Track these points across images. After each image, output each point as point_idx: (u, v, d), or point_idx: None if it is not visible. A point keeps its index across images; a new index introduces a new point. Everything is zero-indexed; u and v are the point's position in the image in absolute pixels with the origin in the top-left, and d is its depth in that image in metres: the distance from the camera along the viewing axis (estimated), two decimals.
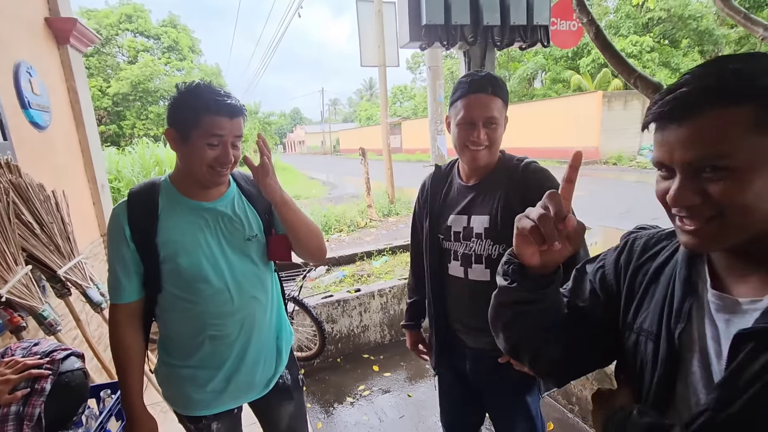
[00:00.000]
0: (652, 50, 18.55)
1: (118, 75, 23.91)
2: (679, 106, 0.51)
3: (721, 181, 0.50)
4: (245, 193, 1.24)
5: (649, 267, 0.68)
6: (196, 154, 1.06)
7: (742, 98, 0.48)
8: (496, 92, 1.18)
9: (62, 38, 2.68)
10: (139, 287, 1.13)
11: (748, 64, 0.50)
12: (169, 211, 1.12)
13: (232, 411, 1.27)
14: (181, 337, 1.18)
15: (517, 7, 2.89)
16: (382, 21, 8.41)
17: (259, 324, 1.23)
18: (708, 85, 0.50)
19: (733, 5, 2.57)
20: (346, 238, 7.67)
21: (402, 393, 2.71)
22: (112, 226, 1.12)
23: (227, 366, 1.19)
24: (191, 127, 1.05)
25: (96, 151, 2.99)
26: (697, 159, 0.51)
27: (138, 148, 9.78)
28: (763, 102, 0.48)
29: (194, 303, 1.13)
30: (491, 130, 1.19)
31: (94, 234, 2.88)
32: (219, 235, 1.15)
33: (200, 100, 1.04)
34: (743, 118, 0.48)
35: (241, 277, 1.17)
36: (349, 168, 24.46)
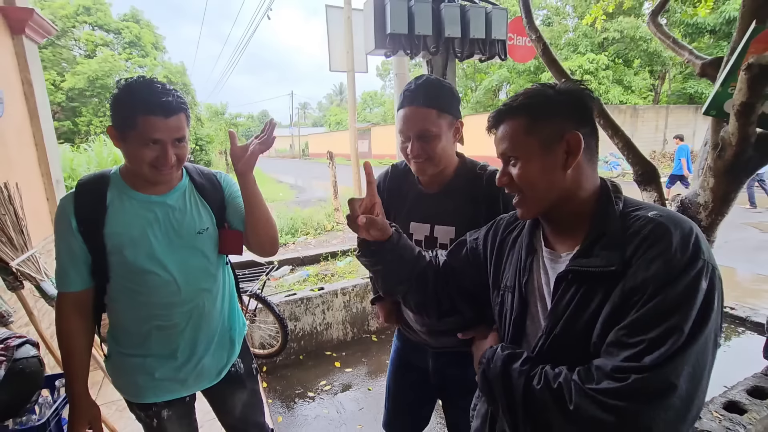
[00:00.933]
0: (607, 68, 19.74)
1: (74, 69, 22.67)
2: (492, 120, 0.82)
3: (515, 167, 0.78)
4: (197, 186, 1.24)
5: (509, 238, 0.92)
6: (135, 155, 1.05)
7: (519, 112, 0.77)
8: (429, 103, 1.14)
9: (17, 28, 2.61)
10: (86, 277, 1.13)
11: (526, 92, 0.78)
12: (117, 203, 1.12)
13: (184, 399, 1.27)
14: (129, 325, 1.18)
15: (476, 21, 3.10)
16: (351, 27, 8.53)
17: (208, 315, 1.24)
18: (500, 108, 0.81)
19: (664, 30, 2.86)
20: (312, 241, 7.67)
21: (362, 387, 2.79)
22: (59, 217, 1.11)
23: (177, 355, 1.20)
24: (128, 127, 1.03)
25: (51, 145, 2.90)
26: (502, 152, 0.80)
27: (95, 146, 9.34)
28: (529, 116, 0.76)
29: (141, 293, 1.14)
30: (426, 143, 1.15)
31: (48, 230, 2.79)
32: (168, 228, 1.15)
33: (134, 100, 1.02)
34: (522, 125, 0.77)
35: (190, 269, 1.18)
36: (318, 172, 24.32)
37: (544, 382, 0.68)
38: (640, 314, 0.62)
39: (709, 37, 18.85)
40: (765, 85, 1.61)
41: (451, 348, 1.27)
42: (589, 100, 0.77)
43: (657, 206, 0.74)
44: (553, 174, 0.75)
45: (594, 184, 0.77)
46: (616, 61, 20.53)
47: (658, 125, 18.64)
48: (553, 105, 0.75)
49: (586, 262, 0.70)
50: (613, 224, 0.71)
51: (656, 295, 0.62)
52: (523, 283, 0.82)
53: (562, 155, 0.74)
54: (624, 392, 0.60)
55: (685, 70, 20.94)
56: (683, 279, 0.62)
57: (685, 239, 0.64)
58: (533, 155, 0.76)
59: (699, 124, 19.83)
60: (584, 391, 0.63)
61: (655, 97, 22.59)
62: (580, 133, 0.73)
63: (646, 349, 0.60)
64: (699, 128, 19.82)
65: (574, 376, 0.66)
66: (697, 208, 2.20)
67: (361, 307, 3.45)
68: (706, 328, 0.61)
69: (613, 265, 0.67)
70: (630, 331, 0.63)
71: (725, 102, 1.81)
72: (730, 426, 1.53)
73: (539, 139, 0.75)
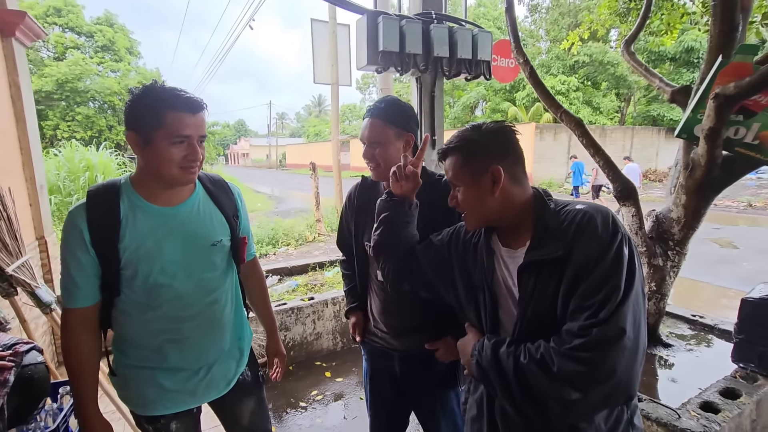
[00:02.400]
0: (577, 89, 20.73)
1: (42, 71, 21.81)
2: (439, 155, 1.02)
3: (458, 193, 0.98)
4: (211, 195, 1.22)
5: (471, 243, 1.07)
6: (162, 156, 1.03)
7: (455, 151, 0.96)
8: (380, 115, 1.30)
9: (7, 31, 2.57)
10: (95, 291, 1.08)
11: (463, 132, 0.97)
12: (131, 216, 1.08)
13: (192, 411, 1.25)
14: (139, 339, 1.15)
15: (463, 42, 3.26)
16: (335, 42, 8.68)
17: (218, 325, 1.23)
18: (444, 147, 1.00)
19: (637, 58, 3.10)
20: (293, 252, 7.62)
21: (354, 396, 2.81)
22: (69, 230, 1.05)
23: (187, 366, 1.18)
24: (153, 128, 1.01)
25: (36, 150, 2.84)
26: (450, 180, 0.99)
27: (66, 151, 8.98)
28: (461, 155, 0.95)
29: (152, 307, 1.11)
30: (375, 150, 1.30)
31: (30, 237, 2.71)
32: (182, 241, 1.12)
33: (159, 99, 1.01)
34: (458, 161, 0.96)
35: (202, 282, 1.17)
36: (297, 183, 24.16)
37: (529, 356, 0.82)
38: (588, 283, 0.79)
39: (670, 64, 20.18)
40: (730, 112, 1.80)
41: (414, 350, 1.37)
42: (511, 136, 0.95)
43: (580, 200, 0.94)
44: (485, 198, 0.93)
45: (525, 196, 0.95)
46: (586, 83, 21.60)
47: (624, 145, 19.63)
48: (479, 145, 0.94)
49: (538, 253, 0.87)
50: (551, 219, 0.89)
51: (596, 266, 0.79)
52: (490, 281, 0.98)
53: (488, 184, 0.92)
54: (590, 344, 0.75)
55: (649, 93, 22.26)
56: (611, 249, 0.80)
57: (605, 221, 0.83)
58: (468, 184, 0.95)
59: (662, 145, 21.02)
60: (560, 352, 0.78)
61: (621, 118, 23.84)
62: (502, 164, 0.91)
63: (599, 308, 0.77)
64: (662, 148, 21.01)
65: (551, 344, 0.81)
66: (671, 223, 2.39)
67: None
68: (635, 282, 0.79)
69: (559, 251, 0.84)
70: (584, 297, 0.79)
71: (695, 126, 2.00)
72: (706, 424, 1.66)
73: (470, 173, 0.94)
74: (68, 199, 7.99)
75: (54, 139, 20.94)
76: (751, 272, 5.72)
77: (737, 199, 12.32)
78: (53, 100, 22.18)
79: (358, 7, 3.02)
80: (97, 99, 23.41)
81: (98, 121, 23.40)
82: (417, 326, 1.39)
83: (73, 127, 22.59)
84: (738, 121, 1.88)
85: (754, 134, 1.88)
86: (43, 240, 2.84)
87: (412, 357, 1.40)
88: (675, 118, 20.05)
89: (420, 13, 3.12)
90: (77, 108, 22.67)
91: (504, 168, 0.91)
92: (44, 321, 2.57)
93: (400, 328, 1.40)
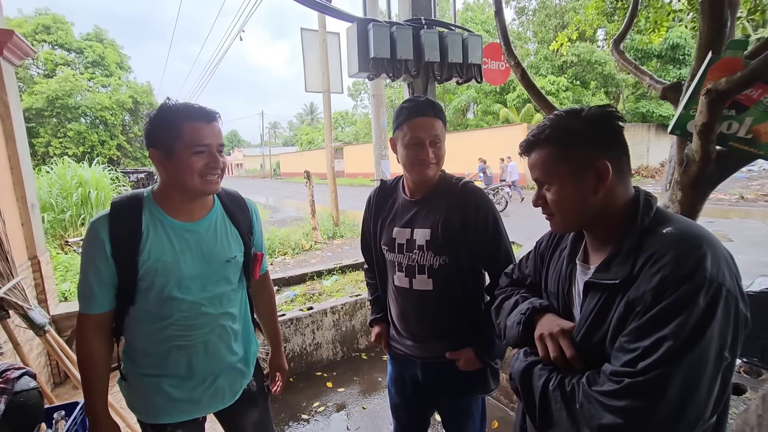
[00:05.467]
0: (567, 89, 20.92)
1: (32, 89, 21.75)
2: (523, 148, 0.87)
3: (548, 192, 0.84)
4: (228, 212, 1.26)
5: (557, 248, 0.99)
6: (184, 166, 1.07)
7: (548, 143, 0.82)
8: (437, 115, 1.31)
9: None
10: (111, 299, 1.12)
11: (557, 119, 0.83)
12: (152, 229, 1.12)
13: (197, 420, 1.27)
14: (148, 346, 1.18)
15: (454, 47, 3.27)
16: (326, 50, 8.71)
17: (228, 337, 1.25)
18: (530, 138, 0.85)
19: (626, 57, 3.12)
20: (290, 261, 7.57)
21: (356, 406, 2.77)
22: (90, 239, 1.09)
23: (194, 375, 1.20)
24: (173, 140, 1.06)
25: (26, 168, 2.80)
26: (536, 178, 0.86)
27: (58, 168, 8.90)
28: (557, 147, 0.81)
29: (165, 317, 1.15)
30: (437, 148, 1.31)
31: (22, 257, 2.66)
32: (199, 256, 1.16)
33: (175, 112, 1.07)
34: (552, 154, 0.82)
35: (215, 295, 1.20)
36: (291, 191, 24.11)
37: (558, 384, 0.77)
38: (638, 323, 0.69)
39: (657, 61, 20.41)
40: (722, 107, 1.81)
41: (435, 359, 1.39)
42: (616, 124, 0.80)
43: (682, 220, 0.78)
44: (584, 198, 0.80)
45: (627, 198, 0.81)
46: (575, 83, 21.82)
47: None
48: (580, 135, 0.79)
49: (601, 276, 0.78)
50: (630, 241, 0.77)
51: (653, 306, 0.67)
52: (565, 291, 0.90)
53: (592, 181, 0.78)
54: (618, 393, 0.67)
55: (637, 91, 22.50)
56: (677, 293, 0.66)
57: (685, 256, 0.68)
58: (564, 182, 0.81)
59: (652, 141, 21.22)
60: (589, 392, 0.71)
61: None
62: (609, 158, 0.77)
63: (640, 356, 0.66)
64: (653, 145, 21.20)
65: (583, 380, 0.74)
66: None
67: (350, 325, 3.44)
68: (701, 342, 0.64)
69: (618, 279, 0.74)
70: (630, 338, 0.69)
71: (688, 122, 2.01)
72: None
73: (569, 168, 0.80)
74: (61, 216, 7.91)
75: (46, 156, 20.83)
76: (747, 264, 5.75)
77: (729, 192, 12.44)
78: (44, 117, 22.10)
79: (348, 15, 3.02)
80: (89, 114, 23.35)
81: (90, 137, 23.31)
82: (437, 334, 1.40)
83: (65, 143, 22.50)
84: (731, 116, 1.89)
85: (747, 128, 1.89)
86: (36, 260, 2.80)
87: (433, 366, 1.42)
88: (664, 114, 20.26)
89: (410, 19, 3.13)
90: (69, 124, 22.61)
91: (610, 162, 0.77)
92: (38, 343, 2.51)
93: (420, 335, 1.42)
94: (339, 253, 7.97)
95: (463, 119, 26.29)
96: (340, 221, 9.92)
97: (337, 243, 8.88)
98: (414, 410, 1.56)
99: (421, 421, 1.60)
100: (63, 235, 7.50)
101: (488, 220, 1.34)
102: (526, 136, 0.87)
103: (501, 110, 21.84)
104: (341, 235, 9.47)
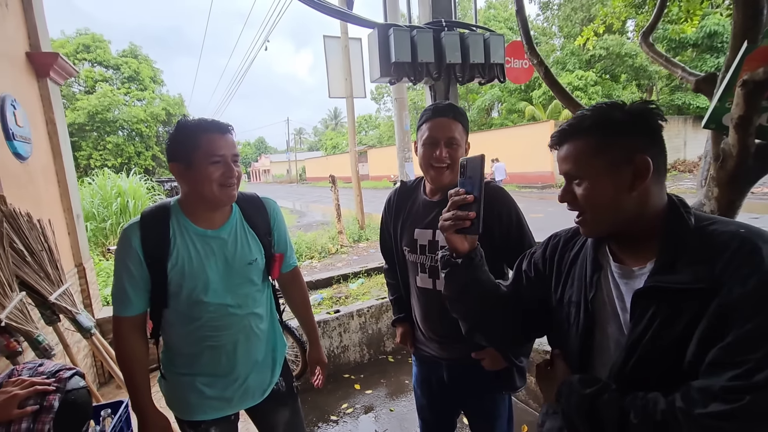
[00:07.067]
0: (595, 84, 20.28)
1: (74, 105, 23.08)
2: (555, 138, 0.80)
3: (580, 187, 0.77)
4: (246, 216, 1.31)
5: (569, 254, 0.91)
6: (202, 175, 1.13)
7: (586, 133, 0.76)
8: (456, 117, 1.33)
9: (42, 72, 2.74)
10: (144, 302, 1.20)
11: (598, 109, 0.76)
12: (179, 238, 1.19)
13: (229, 418, 1.33)
14: (182, 347, 1.25)
15: (475, 47, 3.25)
16: (348, 56, 8.82)
17: (254, 336, 1.31)
18: (565, 128, 0.79)
19: (656, 50, 3.01)
20: (317, 265, 7.69)
21: (384, 408, 2.79)
22: (123, 246, 1.17)
23: (225, 374, 1.27)
24: (191, 150, 1.13)
25: (72, 181, 2.99)
26: (566, 171, 0.79)
27: (98, 180, 9.43)
28: (597, 137, 0.75)
29: (194, 319, 1.21)
30: (452, 150, 1.31)
31: (69, 264, 2.84)
32: (222, 260, 1.23)
33: (191, 126, 1.15)
34: (586, 147, 0.76)
35: (240, 297, 1.26)
36: (317, 196, 24.48)
37: (644, 414, 0.65)
38: (742, 333, 0.60)
39: (692, 51, 19.49)
40: (760, 99, 1.72)
41: (461, 359, 1.39)
42: (658, 120, 0.75)
43: (729, 220, 0.73)
44: (619, 196, 0.74)
45: (662, 202, 0.76)
46: (604, 77, 21.11)
47: None
48: (622, 127, 0.73)
49: (670, 279, 0.69)
50: (692, 240, 0.70)
51: (758, 313, 0.60)
52: (589, 298, 0.81)
53: (629, 177, 0.73)
54: (738, 413, 0.58)
55: (671, 82, 21.54)
56: None
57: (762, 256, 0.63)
58: (599, 177, 0.75)
59: (689, 134, 20.24)
60: (693, 416, 0.60)
61: None
62: (649, 154, 0.72)
63: (754, 368, 0.58)
64: (690, 138, 20.22)
65: (678, 403, 0.62)
66: None
67: (376, 328, 3.47)
68: None
69: (703, 282, 0.65)
70: (733, 351, 0.61)
71: (723, 116, 1.92)
72: None
73: (606, 161, 0.74)
74: (102, 224, 8.34)
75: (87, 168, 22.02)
76: None
77: None
78: (86, 132, 23.40)
79: (369, 22, 3.07)
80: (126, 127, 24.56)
81: (127, 148, 24.51)
82: (460, 335, 1.38)
83: (104, 155, 23.73)
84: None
85: None
86: (82, 267, 2.98)
87: (459, 367, 1.42)
88: (702, 105, 19.29)
89: (430, 22, 3.14)
90: (107, 137, 23.85)
91: (651, 159, 0.71)
92: (85, 344, 2.68)
93: (444, 335, 1.42)
94: (365, 257, 8.03)
95: (487, 119, 25.94)
96: (365, 224, 9.99)
97: (363, 246, 8.94)
98: (440, 412, 1.57)
99: (447, 422, 1.60)
100: (104, 242, 7.90)
101: (511, 218, 1.34)
102: (557, 127, 0.81)
103: (527, 108, 21.41)
104: (366, 238, 9.54)
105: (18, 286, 1.62)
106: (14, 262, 1.64)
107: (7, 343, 1.46)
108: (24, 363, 1.34)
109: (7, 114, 2.16)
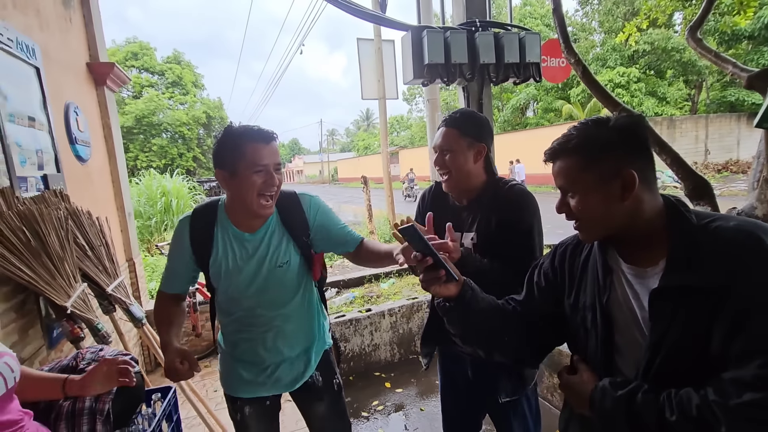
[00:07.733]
0: (638, 80, 19.35)
1: (123, 110, 24.57)
2: (548, 155, 0.86)
3: (573, 199, 0.83)
4: (283, 219, 1.33)
5: (578, 260, 0.93)
6: (245, 184, 1.17)
7: (573, 153, 0.81)
8: (451, 124, 1.35)
9: (100, 80, 2.96)
10: (186, 285, 1.38)
11: (583, 129, 0.81)
12: (221, 237, 1.28)
13: (264, 401, 1.40)
14: (227, 334, 1.40)
15: (510, 47, 3.21)
16: (381, 58, 8.89)
17: (285, 333, 1.36)
18: (554, 147, 0.84)
19: (705, 45, 2.87)
20: (350, 264, 7.81)
21: (414, 407, 2.82)
22: (178, 235, 1.31)
23: (258, 361, 1.36)
24: (237, 159, 1.16)
25: (124, 181, 3.21)
26: (560, 186, 0.85)
27: (145, 180, 10.01)
28: (583, 156, 0.80)
29: (231, 314, 1.34)
30: (445, 157, 1.35)
31: (122, 259, 3.05)
32: (257, 262, 1.29)
33: (237, 135, 1.18)
34: (575, 165, 0.81)
35: (270, 296, 1.31)
36: (348, 196, 24.77)
37: (680, 411, 0.66)
38: (765, 320, 0.63)
39: (747, 43, 18.24)
40: None
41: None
42: (644, 132, 0.79)
43: (728, 215, 0.77)
44: (610, 206, 0.79)
45: (656, 205, 0.79)
46: (648, 73, 20.11)
47: (698, 135, 17.95)
48: (608, 144, 0.78)
49: (686, 277, 0.71)
50: (699, 237, 0.73)
51: None
52: (604, 301, 0.84)
53: (618, 189, 0.77)
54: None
55: (723, 77, 20.22)
56: None
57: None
58: (590, 191, 0.80)
59: (743, 133, 18.93)
60: (729, 408, 0.62)
61: (693, 106, 21.82)
62: (635, 167, 0.76)
63: None
64: (743, 136, 18.91)
65: (712, 396, 0.64)
66: None
67: (407, 327, 3.50)
68: None
69: (718, 277, 0.68)
70: (758, 339, 0.63)
71: None
72: None
73: (595, 177, 0.78)
74: (147, 222, 8.83)
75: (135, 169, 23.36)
76: None
77: None
78: (133, 135, 24.85)
79: (402, 24, 3.10)
80: (169, 130, 25.90)
81: (171, 150, 25.83)
82: None
83: (150, 156, 25.12)
84: None
85: None
86: (132, 261, 3.19)
87: (483, 363, 1.39)
88: (757, 101, 17.94)
89: (464, 23, 3.13)
90: (153, 140, 25.23)
91: (637, 171, 0.76)
92: (135, 333, 2.87)
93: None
94: None
95: (522, 118, 25.32)
96: None
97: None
98: (465, 410, 1.58)
99: (472, 420, 1.60)
100: (149, 239, 8.36)
101: (522, 226, 1.31)
102: (551, 143, 0.86)
103: (564, 107, 20.73)
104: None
105: (80, 277, 1.77)
106: (77, 255, 1.80)
107: (72, 329, 1.60)
108: (87, 347, 1.47)
109: (70, 120, 2.36)
